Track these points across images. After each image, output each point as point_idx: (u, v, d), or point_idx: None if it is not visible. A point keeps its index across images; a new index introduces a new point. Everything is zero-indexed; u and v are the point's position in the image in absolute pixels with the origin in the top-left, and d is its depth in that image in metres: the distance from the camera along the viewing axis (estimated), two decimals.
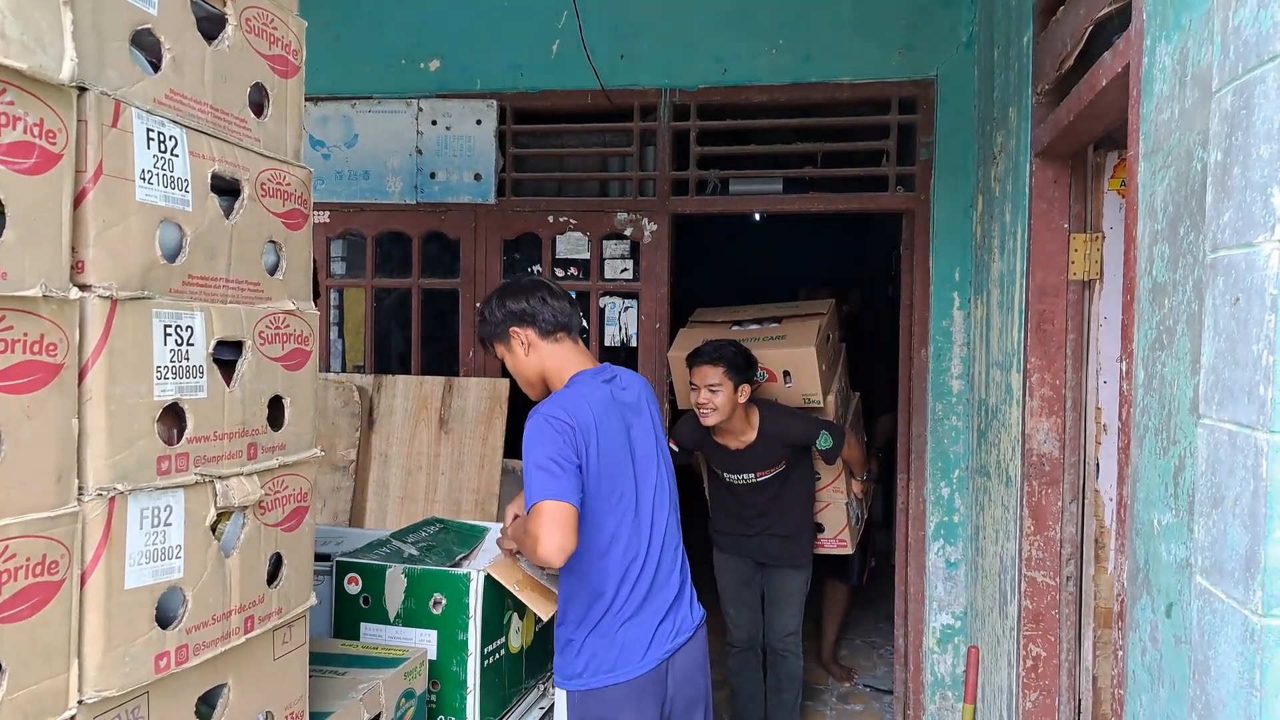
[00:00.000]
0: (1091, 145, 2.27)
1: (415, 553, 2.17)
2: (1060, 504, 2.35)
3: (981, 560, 3.15)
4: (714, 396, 3.16)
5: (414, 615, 1.98)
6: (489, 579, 1.98)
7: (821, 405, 3.50)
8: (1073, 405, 2.35)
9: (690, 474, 3.69)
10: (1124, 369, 1.53)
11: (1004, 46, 2.83)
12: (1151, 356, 1.38)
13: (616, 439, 2.04)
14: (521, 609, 2.16)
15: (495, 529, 2.43)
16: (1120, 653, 1.51)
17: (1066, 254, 2.32)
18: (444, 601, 1.96)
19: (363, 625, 2.02)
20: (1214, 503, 1.04)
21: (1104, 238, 2.29)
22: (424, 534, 2.35)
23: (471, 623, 1.95)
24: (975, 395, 3.34)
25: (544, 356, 2.15)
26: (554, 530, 1.82)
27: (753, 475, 3.35)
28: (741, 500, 3.45)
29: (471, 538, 2.38)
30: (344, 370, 4.43)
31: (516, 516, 2.16)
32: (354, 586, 2.03)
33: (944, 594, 3.57)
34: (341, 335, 4.53)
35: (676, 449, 3.30)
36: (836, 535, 3.67)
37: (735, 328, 3.65)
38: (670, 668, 2.08)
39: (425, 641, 1.95)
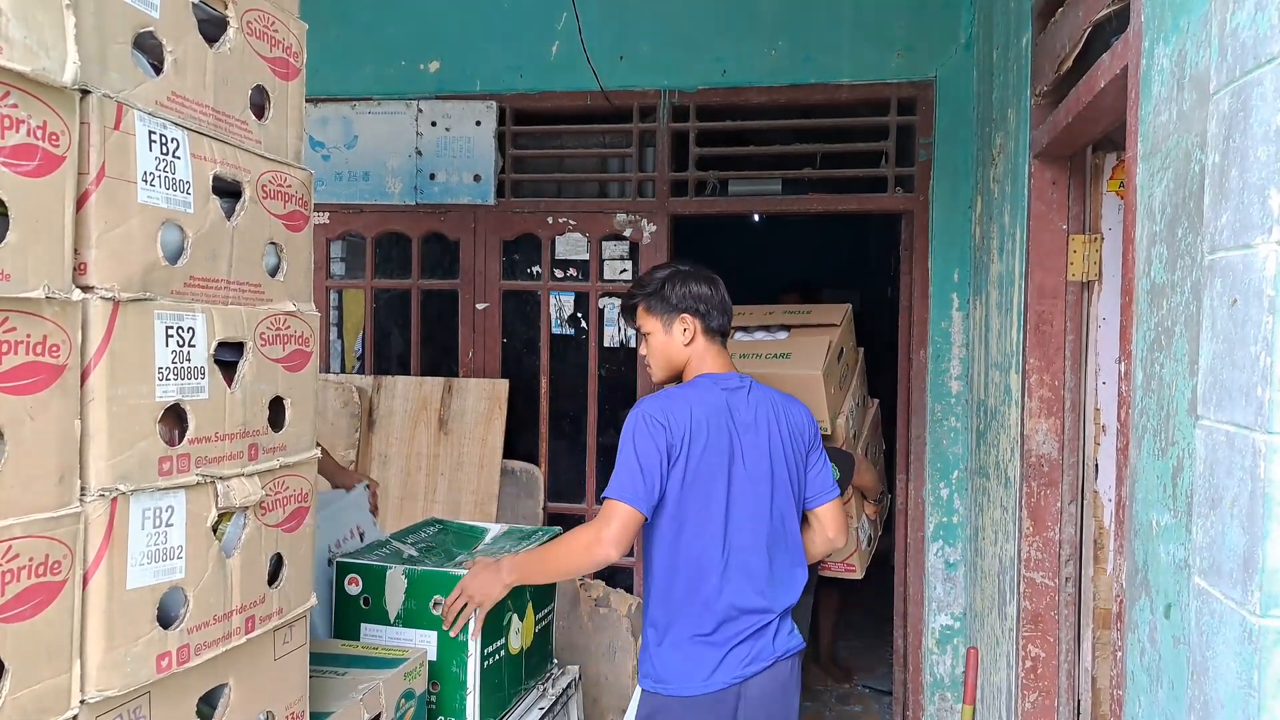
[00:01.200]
0: (1090, 147, 2.27)
1: (415, 553, 2.17)
2: (1059, 505, 2.35)
3: (980, 561, 3.15)
4: None
5: (414, 616, 1.98)
6: None
7: (829, 431, 3.19)
8: (1071, 406, 2.35)
9: None
10: (1122, 370, 1.54)
11: (1003, 48, 2.83)
12: (1150, 358, 1.39)
13: (714, 449, 2.00)
14: (522, 609, 2.16)
15: (494, 529, 2.43)
16: (1119, 653, 1.52)
17: (1065, 255, 2.33)
18: (444, 602, 1.96)
19: (363, 626, 2.02)
20: (1212, 504, 1.04)
21: (1102, 239, 2.29)
22: (423, 535, 2.35)
23: (471, 623, 1.95)
24: (974, 396, 3.34)
25: (695, 351, 2.13)
26: (619, 533, 1.89)
27: None
28: None
29: (470, 538, 2.38)
30: (343, 371, 4.43)
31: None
32: (354, 587, 2.03)
33: (943, 595, 3.57)
34: (341, 336, 4.53)
35: None
36: (845, 559, 3.38)
37: (740, 335, 3.38)
38: (743, 694, 2.03)
39: (425, 642, 1.96)
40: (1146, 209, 1.43)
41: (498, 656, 2.05)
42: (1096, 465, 2.31)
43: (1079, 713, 2.34)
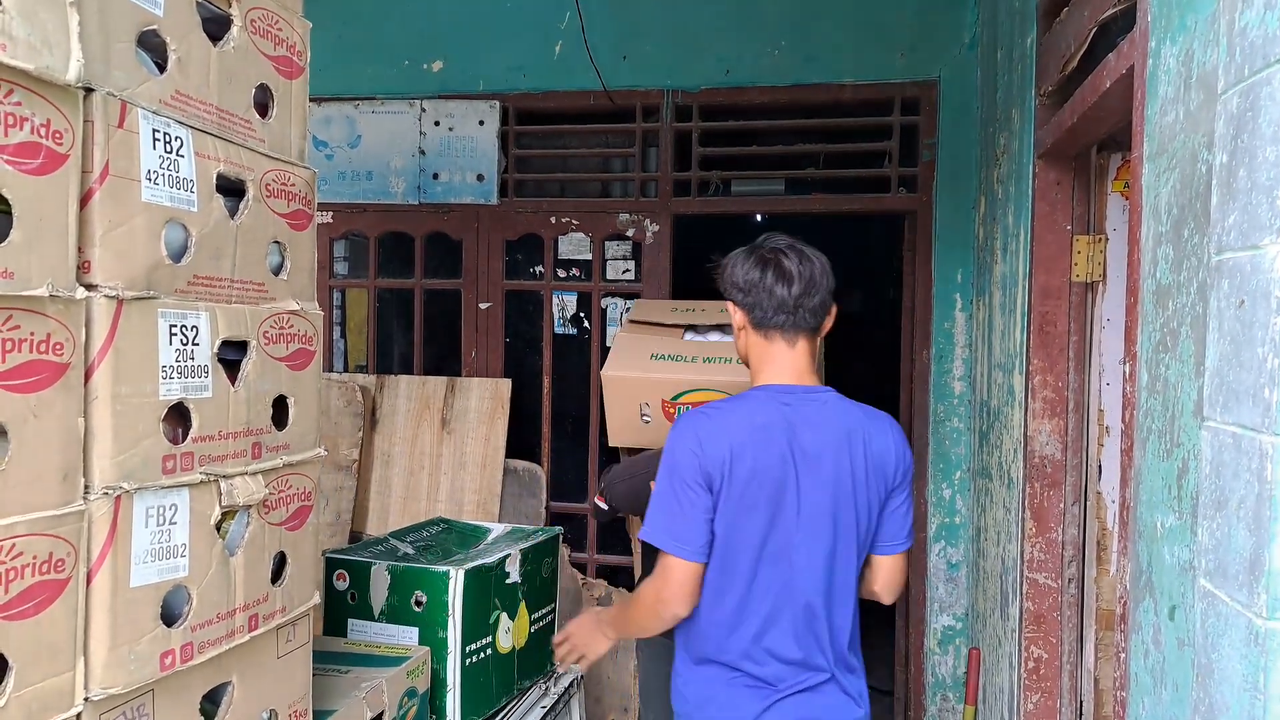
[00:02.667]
0: (1095, 147, 2.26)
1: (411, 551, 2.17)
2: (1062, 506, 2.35)
3: (983, 562, 3.15)
4: None
5: (397, 612, 1.99)
6: (469, 575, 1.96)
7: None
8: (1075, 407, 2.35)
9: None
10: (1127, 371, 1.53)
11: (1007, 48, 2.83)
12: (1155, 359, 1.38)
13: (760, 479, 1.70)
14: (512, 609, 2.14)
15: (497, 529, 2.42)
16: (1122, 655, 1.51)
17: (1069, 256, 2.32)
18: (425, 599, 1.96)
19: (350, 621, 2.02)
20: (1218, 505, 1.04)
21: (1107, 240, 2.29)
22: (425, 534, 2.35)
23: (451, 620, 1.95)
24: (977, 397, 3.33)
25: (754, 350, 1.82)
26: (678, 591, 1.72)
27: None
28: None
29: (473, 538, 2.38)
30: (347, 370, 4.43)
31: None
32: (342, 582, 2.04)
33: (945, 595, 3.57)
34: (344, 335, 4.53)
35: (605, 507, 2.64)
36: None
37: (690, 335, 2.87)
38: None
39: (406, 638, 1.96)
40: (1152, 209, 1.42)
41: (483, 655, 2.04)
42: (1100, 466, 2.31)
43: (1082, 714, 2.34)
